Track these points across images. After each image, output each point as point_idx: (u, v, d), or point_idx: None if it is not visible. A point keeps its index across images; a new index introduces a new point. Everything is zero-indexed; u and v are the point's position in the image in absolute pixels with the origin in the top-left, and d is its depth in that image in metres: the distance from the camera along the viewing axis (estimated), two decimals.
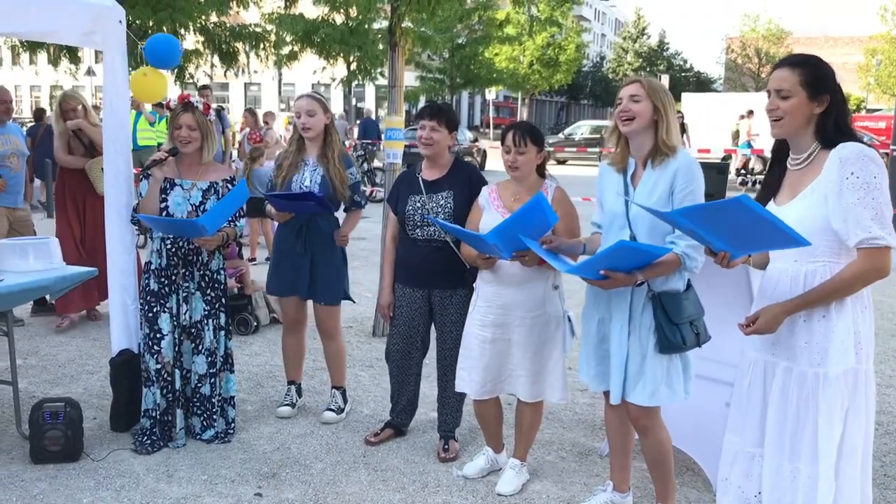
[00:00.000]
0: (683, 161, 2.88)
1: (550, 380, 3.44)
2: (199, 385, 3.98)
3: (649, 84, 2.91)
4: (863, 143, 2.37)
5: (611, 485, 3.39)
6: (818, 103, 2.38)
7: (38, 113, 14.37)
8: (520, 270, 3.31)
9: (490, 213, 3.44)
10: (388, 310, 3.96)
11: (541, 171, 3.45)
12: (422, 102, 39.07)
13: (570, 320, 3.41)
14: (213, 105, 4.85)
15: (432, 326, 3.91)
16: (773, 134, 2.47)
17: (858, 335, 2.38)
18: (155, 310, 3.88)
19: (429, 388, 4.41)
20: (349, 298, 4.33)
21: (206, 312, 3.96)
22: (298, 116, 4.12)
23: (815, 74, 2.37)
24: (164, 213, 3.87)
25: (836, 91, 2.39)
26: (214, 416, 4.00)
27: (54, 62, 15.65)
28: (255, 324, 6.06)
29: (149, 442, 3.87)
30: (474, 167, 4.07)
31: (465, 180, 3.76)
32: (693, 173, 2.87)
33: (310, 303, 4.30)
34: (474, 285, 3.57)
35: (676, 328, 2.87)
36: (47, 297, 5.41)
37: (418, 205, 3.74)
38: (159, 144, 8.74)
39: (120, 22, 4.06)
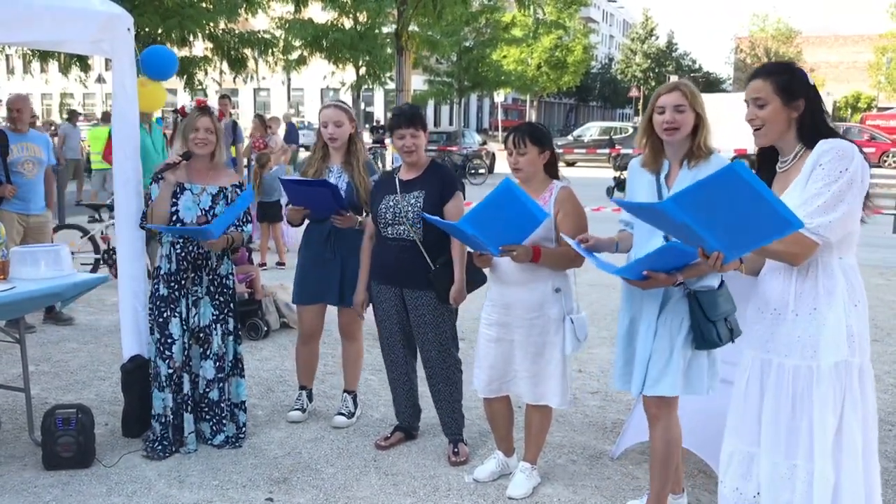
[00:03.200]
0: (720, 165, 2.90)
1: (550, 384, 3.42)
2: (207, 390, 3.99)
3: (690, 92, 2.97)
4: (845, 138, 2.41)
5: None
6: (794, 108, 2.46)
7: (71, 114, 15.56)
8: (520, 270, 3.32)
9: None
10: (361, 307, 4.03)
11: (551, 171, 3.43)
12: (430, 106, 39.11)
13: (573, 322, 3.35)
14: (229, 117, 4.94)
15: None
16: (756, 143, 2.57)
17: (850, 328, 2.41)
18: (165, 315, 3.90)
19: None
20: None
21: (215, 317, 3.97)
22: (325, 126, 4.11)
23: (788, 81, 2.46)
24: (173, 217, 3.89)
25: (811, 94, 2.47)
26: (224, 421, 4.01)
27: (65, 70, 15.75)
28: (266, 329, 6.08)
29: (160, 447, 3.88)
30: (448, 168, 4.08)
31: (438, 181, 3.79)
32: None
33: (328, 311, 4.32)
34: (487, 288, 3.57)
35: (712, 325, 2.93)
36: (57, 304, 5.44)
37: (391, 203, 3.78)
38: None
39: (129, 30, 4.08)
